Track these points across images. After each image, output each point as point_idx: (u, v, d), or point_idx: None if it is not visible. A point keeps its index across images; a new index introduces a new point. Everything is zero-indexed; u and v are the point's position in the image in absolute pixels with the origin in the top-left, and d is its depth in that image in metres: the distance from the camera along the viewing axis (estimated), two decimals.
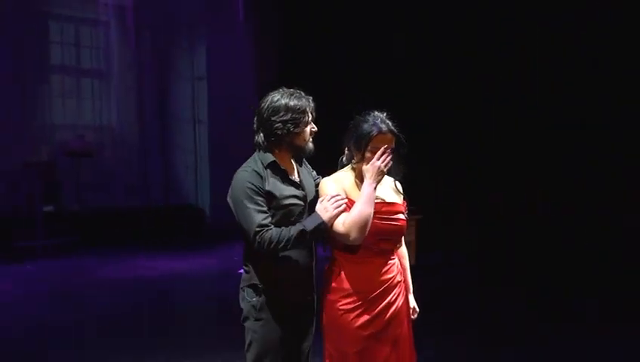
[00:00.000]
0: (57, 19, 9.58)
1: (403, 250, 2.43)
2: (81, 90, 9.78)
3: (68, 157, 8.94)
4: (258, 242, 2.07)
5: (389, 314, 2.21)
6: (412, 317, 2.39)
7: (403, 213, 2.27)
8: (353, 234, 2.08)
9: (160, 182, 10.38)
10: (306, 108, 2.23)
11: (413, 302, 2.41)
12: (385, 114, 2.23)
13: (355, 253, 2.18)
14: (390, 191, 2.30)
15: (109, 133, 10.01)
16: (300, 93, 2.27)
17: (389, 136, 2.18)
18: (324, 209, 2.13)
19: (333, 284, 2.21)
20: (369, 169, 2.12)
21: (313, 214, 2.15)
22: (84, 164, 9.10)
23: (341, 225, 2.10)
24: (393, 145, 2.20)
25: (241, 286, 2.27)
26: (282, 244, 2.08)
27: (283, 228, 2.12)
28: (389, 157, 2.13)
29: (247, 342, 2.22)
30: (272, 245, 2.07)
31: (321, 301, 2.27)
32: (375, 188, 2.12)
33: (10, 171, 8.60)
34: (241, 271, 2.32)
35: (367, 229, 2.08)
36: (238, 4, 10.48)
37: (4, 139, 8.63)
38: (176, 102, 10.73)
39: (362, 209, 2.08)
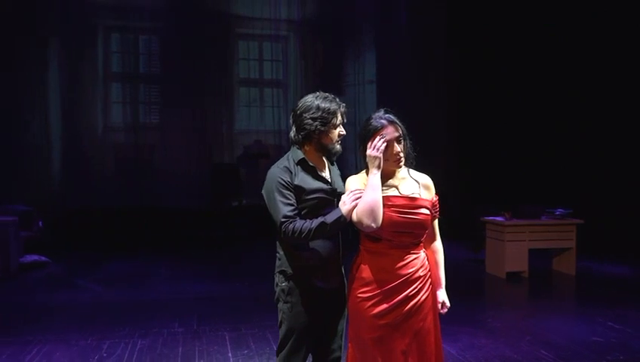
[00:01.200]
0: (245, 38, 10.96)
1: (437, 245, 2.43)
2: (264, 99, 10.99)
3: (248, 159, 10.20)
4: (283, 232, 2.30)
5: (408, 307, 2.25)
6: (441, 311, 2.37)
7: (426, 208, 2.28)
8: (364, 221, 2.18)
9: None
10: (335, 111, 2.42)
11: (442, 297, 2.39)
12: (381, 111, 2.33)
13: (375, 244, 2.28)
14: (414, 186, 2.33)
15: (287, 136, 11.03)
16: (333, 97, 2.47)
17: (390, 127, 2.26)
18: (342, 203, 2.28)
19: (355, 273, 2.33)
20: (368, 160, 2.22)
21: (335, 208, 2.31)
22: (262, 164, 10.23)
23: (354, 214, 2.22)
24: (398, 134, 2.27)
25: (275, 271, 2.50)
26: (304, 235, 2.27)
27: (306, 220, 2.31)
28: (380, 143, 2.20)
29: (278, 320, 2.46)
30: (295, 235, 2.28)
31: (347, 288, 2.41)
32: (378, 176, 2.20)
33: (204, 172, 10.12)
34: None
35: (378, 216, 2.16)
36: (401, 8, 10.70)
37: (199, 144, 10.25)
38: (350, 107, 11.31)
39: (368, 196, 2.18)
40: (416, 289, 2.26)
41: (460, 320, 4.81)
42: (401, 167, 2.31)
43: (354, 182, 2.33)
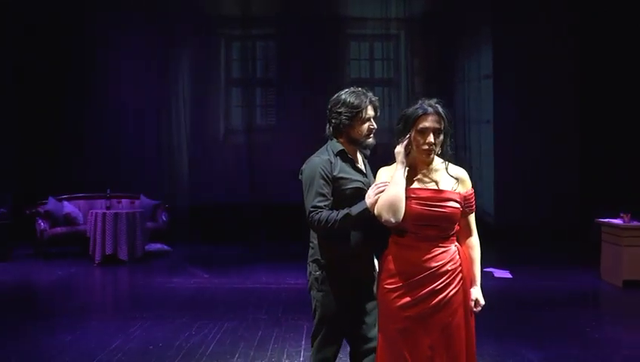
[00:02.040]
0: (356, 39, 11.14)
1: (473, 241, 2.35)
2: None
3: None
4: (310, 221, 2.39)
5: (435, 301, 2.21)
6: (475, 309, 2.29)
7: (455, 201, 2.23)
8: (384, 215, 2.19)
9: None
10: (361, 105, 2.46)
11: (475, 294, 2.30)
12: (434, 100, 2.27)
13: (402, 236, 2.27)
14: (446, 178, 2.27)
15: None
16: (362, 92, 2.51)
17: (434, 116, 2.20)
18: (367, 196, 2.31)
19: (383, 264, 2.34)
20: (396, 154, 2.20)
21: (362, 201, 2.35)
22: (371, 161, 10.30)
23: (376, 208, 2.24)
24: (439, 126, 2.22)
25: (308, 260, 2.57)
26: (330, 225, 2.34)
27: (333, 210, 2.37)
28: (406, 141, 2.20)
29: (312, 308, 2.54)
30: (322, 224, 2.35)
31: (376, 278, 2.43)
32: (404, 172, 2.20)
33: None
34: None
35: (398, 210, 2.16)
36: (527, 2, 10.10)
37: (314, 144, 10.58)
38: (462, 103, 10.98)
39: (390, 191, 2.19)
40: (443, 284, 2.22)
41: (554, 327, 4.50)
42: (431, 158, 2.27)
43: (384, 173, 2.34)
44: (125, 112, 9.68)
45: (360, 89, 2.53)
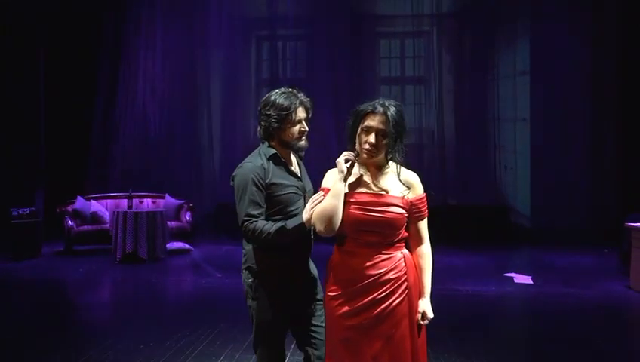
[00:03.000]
0: (386, 36, 10.94)
1: (423, 249, 2.21)
2: (405, 96, 10.83)
3: None
4: (244, 230, 2.31)
5: (377, 311, 2.09)
6: (421, 322, 2.14)
7: (398, 207, 2.10)
8: (318, 226, 2.12)
9: (477, 181, 10.43)
10: (291, 107, 2.33)
11: (423, 307, 2.15)
12: (392, 101, 2.15)
13: (343, 243, 2.17)
14: (395, 183, 2.16)
15: (429, 135, 10.72)
16: (293, 92, 2.38)
17: (382, 117, 2.09)
18: (304, 211, 2.23)
19: (327, 271, 2.25)
20: (337, 163, 2.11)
21: (299, 215, 2.26)
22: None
23: (312, 217, 2.16)
24: (384, 128, 2.10)
25: (241, 267, 2.48)
26: (263, 236, 2.25)
27: (269, 222, 2.28)
28: (350, 154, 2.09)
29: (249, 316, 2.45)
30: (255, 235, 2.27)
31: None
32: (344, 182, 2.09)
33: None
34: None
35: (332, 222, 2.08)
36: None
37: (343, 143, 10.49)
38: (497, 101, 10.59)
39: (325, 202, 2.10)
40: (385, 293, 2.10)
41: (567, 338, 4.23)
42: (371, 158, 2.15)
43: (329, 176, 2.24)
44: (155, 113, 9.90)
45: (291, 89, 2.41)
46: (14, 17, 8.62)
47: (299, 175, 2.45)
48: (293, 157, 2.48)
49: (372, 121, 2.10)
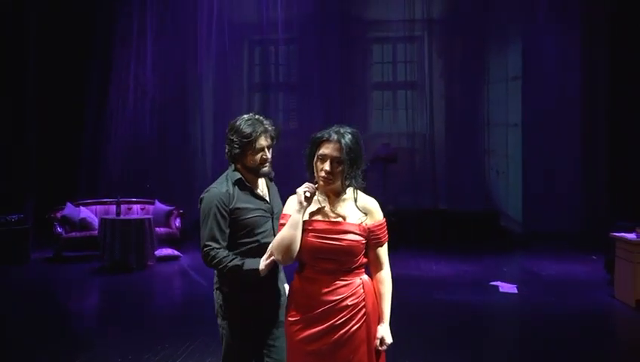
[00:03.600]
0: (379, 41, 10.95)
1: (383, 274, 2.22)
2: (397, 101, 10.84)
3: (378, 163, 10.13)
4: (203, 255, 2.38)
5: (336, 337, 2.11)
6: (380, 348, 2.15)
7: (355, 234, 2.11)
8: (276, 256, 2.16)
9: (468, 186, 10.45)
10: (252, 135, 2.39)
11: (381, 332, 2.16)
12: (349, 128, 2.17)
13: (302, 269, 2.19)
14: (353, 210, 2.16)
15: (421, 139, 10.73)
16: (259, 120, 2.43)
17: (336, 144, 2.09)
18: (262, 259, 2.31)
19: (288, 297, 2.27)
20: (297, 195, 2.13)
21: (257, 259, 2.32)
22: (391, 167, 10.10)
23: (270, 246, 2.22)
24: (338, 155, 2.11)
25: (214, 287, 2.56)
26: (220, 267, 2.35)
27: (230, 254, 2.35)
28: (311, 186, 2.10)
29: (220, 335, 2.50)
30: (213, 263, 2.36)
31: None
32: (301, 214, 2.11)
33: None
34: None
35: (288, 252, 2.11)
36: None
37: None
38: (488, 106, 10.61)
39: (283, 233, 2.13)
40: (344, 319, 2.11)
41: (545, 350, 4.24)
42: (328, 185, 2.16)
43: (290, 203, 2.24)
44: (145, 118, 9.90)
45: (258, 117, 2.46)
46: (3, 21, 8.62)
47: (266, 198, 2.49)
48: (261, 180, 2.52)
49: (327, 149, 2.12)
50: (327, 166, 2.11)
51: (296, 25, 10.69)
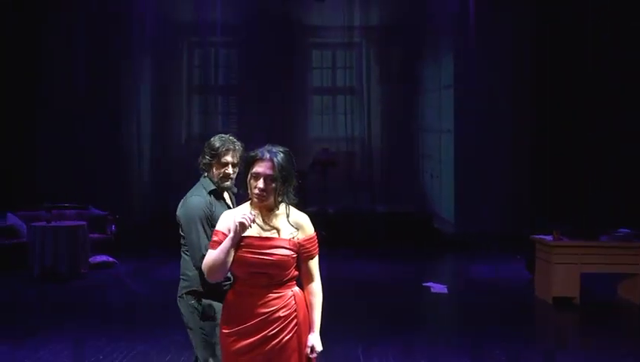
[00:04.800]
0: (318, 47, 11.13)
1: (314, 286, 2.33)
2: (337, 106, 11.05)
3: (318, 167, 10.31)
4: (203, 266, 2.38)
5: (269, 347, 2.21)
6: (310, 355, 2.28)
7: (285, 248, 2.22)
8: (206, 274, 2.27)
9: (404, 189, 10.80)
10: (219, 151, 2.61)
11: (312, 341, 2.28)
12: (280, 148, 2.27)
13: (236, 283, 2.29)
14: (285, 225, 2.26)
15: (359, 143, 10.99)
16: (230, 140, 2.66)
17: (268, 163, 2.20)
18: None
19: (222, 310, 2.35)
20: (233, 222, 2.17)
21: None
22: (330, 172, 10.30)
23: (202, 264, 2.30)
24: (271, 173, 2.20)
25: (179, 294, 2.66)
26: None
27: None
28: (248, 218, 2.14)
29: (198, 340, 2.62)
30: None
31: None
32: (231, 241, 2.17)
33: None
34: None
35: (216, 273, 2.22)
36: (482, 5, 10.16)
37: None
38: (423, 112, 11.02)
39: (215, 258, 2.21)
40: (276, 330, 2.22)
41: (459, 348, 4.51)
42: (268, 204, 2.25)
43: (223, 220, 2.29)
44: (78, 120, 9.57)
45: (231, 138, 2.69)
46: None
47: (232, 208, 2.66)
48: (226, 193, 2.73)
49: (260, 168, 2.21)
50: (260, 183, 2.21)
51: (237, 28, 10.70)
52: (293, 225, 2.27)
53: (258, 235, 2.23)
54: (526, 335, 5.06)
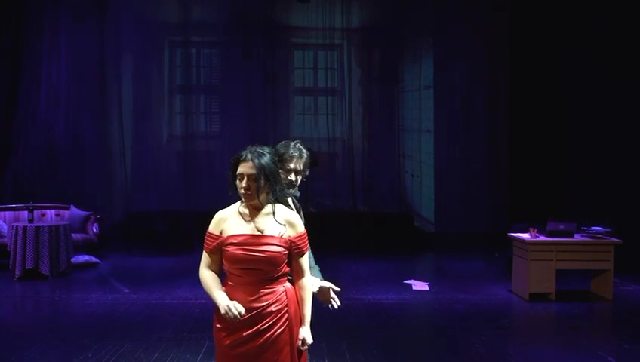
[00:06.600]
0: (300, 47, 11.22)
1: (304, 281, 2.44)
2: (318, 106, 11.16)
3: None
4: None
5: (261, 341, 2.31)
6: (301, 347, 2.39)
7: (276, 245, 2.32)
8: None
9: (384, 188, 10.95)
10: (283, 157, 2.64)
11: (303, 334, 2.39)
12: (266, 149, 2.37)
13: (229, 279, 2.38)
14: (272, 223, 2.36)
15: (340, 144, 11.12)
16: (294, 146, 2.71)
17: (250, 163, 2.30)
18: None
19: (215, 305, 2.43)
20: (226, 307, 2.27)
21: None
22: (312, 171, 10.36)
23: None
24: (253, 173, 2.31)
25: None
26: None
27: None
28: (239, 312, 2.25)
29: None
30: None
31: None
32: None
33: None
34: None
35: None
36: (461, 9, 10.39)
37: None
38: (403, 113, 11.19)
39: (205, 285, 2.39)
40: (268, 324, 2.32)
41: (440, 343, 4.66)
42: (255, 203, 2.35)
43: (214, 222, 2.41)
44: (60, 119, 9.52)
45: (298, 145, 2.74)
46: None
47: None
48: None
49: (243, 168, 2.32)
50: (244, 183, 2.31)
51: (219, 28, 10.72)
52: (281, 223, 2.37)
53: (250, 233, 2.33)
54: (504, 330, 5.24)
